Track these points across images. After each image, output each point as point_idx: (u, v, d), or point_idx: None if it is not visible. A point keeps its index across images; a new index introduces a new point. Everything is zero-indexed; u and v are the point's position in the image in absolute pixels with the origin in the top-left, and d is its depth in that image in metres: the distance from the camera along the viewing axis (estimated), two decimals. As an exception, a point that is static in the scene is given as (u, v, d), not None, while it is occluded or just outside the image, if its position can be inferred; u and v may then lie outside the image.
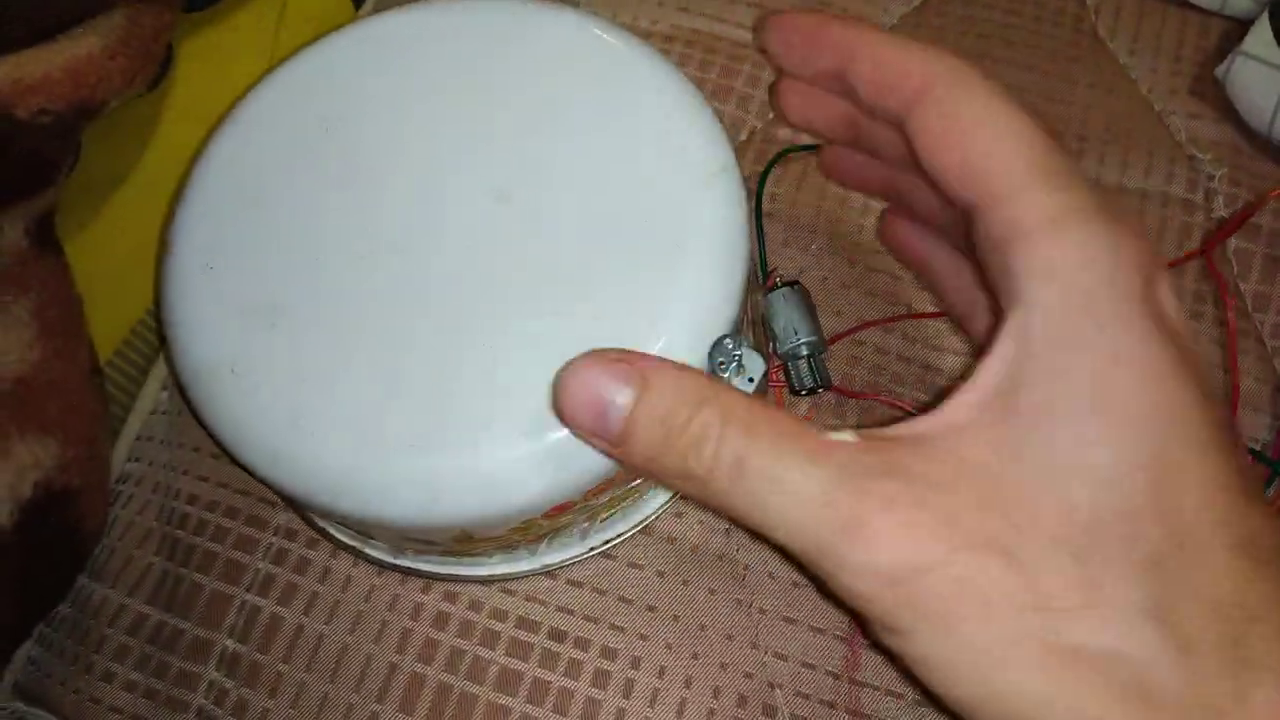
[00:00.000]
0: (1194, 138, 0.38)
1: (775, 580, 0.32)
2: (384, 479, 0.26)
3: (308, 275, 0.28)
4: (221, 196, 0.30)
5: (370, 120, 0.30)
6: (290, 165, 0.30)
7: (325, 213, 0.29)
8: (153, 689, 0.32)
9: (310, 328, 0.28)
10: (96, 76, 0.31)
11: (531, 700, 0.31)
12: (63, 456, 0.31)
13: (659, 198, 0.28)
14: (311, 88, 0.31)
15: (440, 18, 0.32)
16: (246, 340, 0.28)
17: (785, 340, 0.32)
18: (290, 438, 0.27)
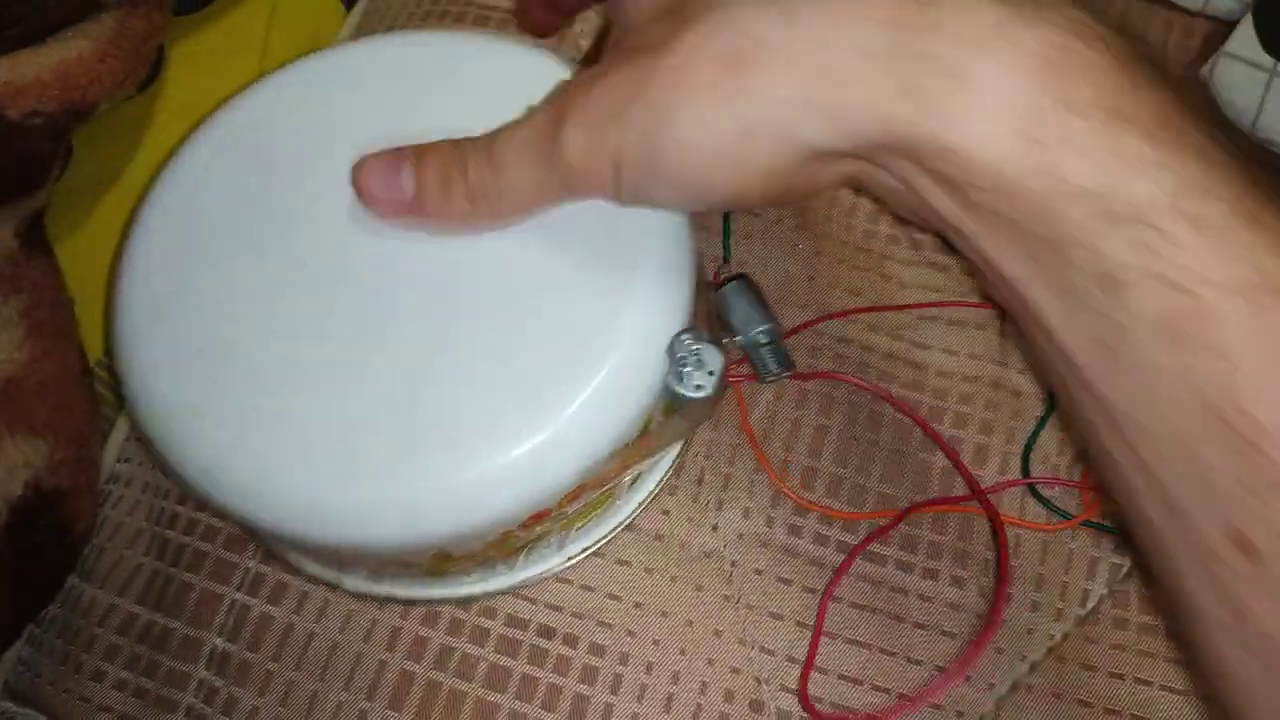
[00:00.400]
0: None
1: (762, 576, 0.32)
2: (359, 505, 0.26)
3: (258, 314, 0.29)
4: (166, 244, 0.30)
5: (312, 158, 0.30)
6: (234, 207, 0.30)
7: (271, 252, 0.29)
8: (143, 688, 0.32)
9: (267, 364, 0.28)
10: (87, 78, 0.31)
11: (520, 697, 0.31)
12: (53, 457, 0.32)
13: (601, 208, 0.28)
14: (254, 128, 0.31)
15: (383, 52, 0.33)
16: (205, 382, 0.28)
17: (744, 330, 0.33)
18: (261, 474, 0.27)
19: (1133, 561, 0.32)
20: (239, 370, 0.28)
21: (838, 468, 0.33)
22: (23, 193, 0.32)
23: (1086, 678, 0.30)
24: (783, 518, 0.33)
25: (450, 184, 0.27)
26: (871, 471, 0.33)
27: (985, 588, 0.32)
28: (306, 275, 0.29)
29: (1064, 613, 0.31)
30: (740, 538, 0.33)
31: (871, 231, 0.37)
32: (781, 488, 0.33)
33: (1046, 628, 0.31)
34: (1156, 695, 0.30)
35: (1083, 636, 0.31)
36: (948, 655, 0.31)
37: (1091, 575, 0.32)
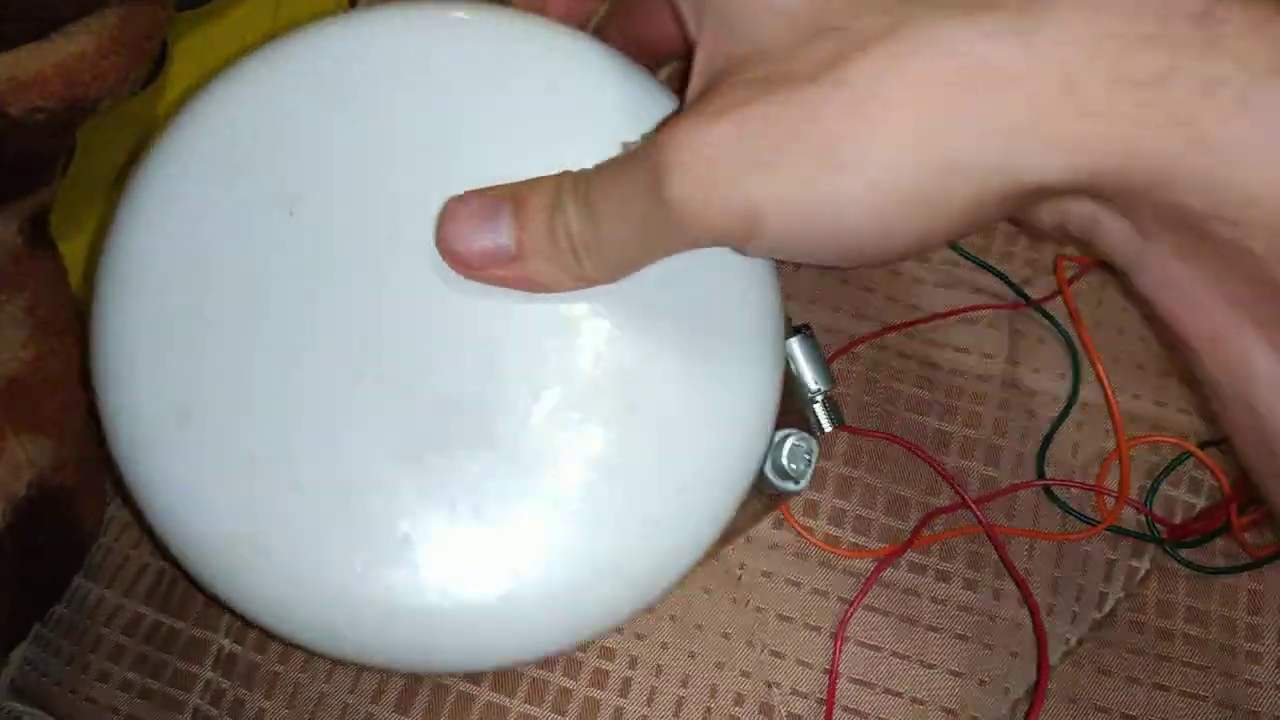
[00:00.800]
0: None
1: (770, 579, 0.32)
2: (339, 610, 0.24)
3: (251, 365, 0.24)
4: (145, 281, 0.26)
5: (308, 160, 0.26)
6: (224, 240, 0.25)
7: (266, 297, 0.25)
8: (149, 689, 0.32)
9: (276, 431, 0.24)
10: (90, 74, 0.31)
11: (529, 700, 0.31)
12: (58, 456, 0.31)
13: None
14: (234, 123, 0.26)
15: (392, 24, 0.27)
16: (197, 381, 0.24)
17: (810, 390, 0.30)
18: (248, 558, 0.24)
19: (1150, 565, 0.32)
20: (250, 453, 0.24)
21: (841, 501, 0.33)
22: (26, 190, 0.32)
23: (1103, 683, 0.30)
24: (791, 524, 0.32)
25: (556, 235, 0.23)
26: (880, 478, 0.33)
27: (1000, 590, 0.31)
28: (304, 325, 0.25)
29: (1079, 617, 0.31)
30: (748, 541, 0.32)
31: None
32: (792, 523, 0.32)
33: (1062, 632, 0.31)
34: (1174, 701, 0.30)
35: (1099, 641, 0.31)
36: (961, 659, 0.30)
37: (1108, 579, 0.31)
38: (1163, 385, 0.34)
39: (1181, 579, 0.32)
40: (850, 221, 0.20)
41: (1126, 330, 0.35)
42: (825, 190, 0.20)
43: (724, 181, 0.20)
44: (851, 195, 0.20)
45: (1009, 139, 0.19)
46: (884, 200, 0.20)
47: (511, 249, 0.23)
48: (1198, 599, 0.31)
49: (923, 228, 0.20)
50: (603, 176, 0.22)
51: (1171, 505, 0.33)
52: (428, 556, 0.23)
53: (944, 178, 0.19)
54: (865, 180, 0.19)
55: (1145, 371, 0.34)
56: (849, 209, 0.20)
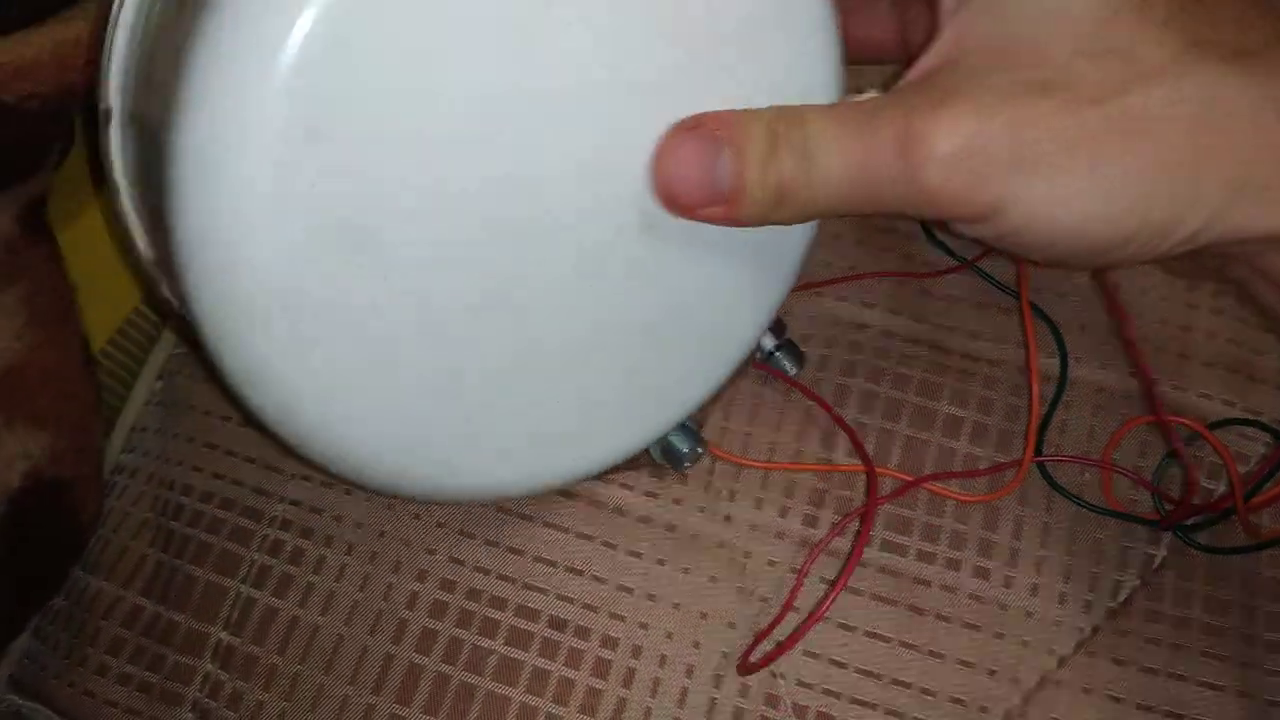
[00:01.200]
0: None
1: (776, 568, 0.31)
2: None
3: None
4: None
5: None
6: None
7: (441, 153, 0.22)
8: (148, 682, 0.32)
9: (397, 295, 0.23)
10: (84, 60, 0.31)
11: (531, 690, 0.30)
12: (54, 447, 0.31)
13: None
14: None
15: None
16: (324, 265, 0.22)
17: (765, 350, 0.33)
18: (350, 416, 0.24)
19: (1167, 552, 0.31)
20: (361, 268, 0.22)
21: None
22: (22, 177, 0.32)
23: (1118, 673, 0.29)
24: (797, 509, 0.32)
25: (768, 180, 0.23)
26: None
27: (1011, 579, 0.30)
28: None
29: (1093, 605, 0.30)
30: (753, 529, 0.32)
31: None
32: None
33: (1074, 621, 0.30)
34: (1191, 691, 0.29)
35: (1114, 630, 0.30)
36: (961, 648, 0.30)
37: (1123, 566, 0.31)
38: (1156, 361, 0.33)
39: (1199, 566, 0.31)
40: (1089, 234, 0.22)
41: (1144, 314, 0.34)
42: (1081, 206, 0.21)
43: (991, 180, 0.21)
44: (1105, 215, 0.21)
45: (1252, 192, 0.21)
46: (1126, 223, 0.21)
47: (726, 194, 0.23)
48: (1216, 587, 0.31)
49: (1148, 251, 0.22)
50: (827, 127, 0.22)
51: (1188, 491, 0.32)
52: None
53: (1185, 210, 0.21)
54: (1124, 206, 0.21)
55: (1164, 354, 0.33)
56: (1094, 225, 0.21)
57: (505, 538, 0.32)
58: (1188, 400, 0.33)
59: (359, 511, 0.33)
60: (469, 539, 0.32)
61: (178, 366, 0.37)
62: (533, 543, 0.32)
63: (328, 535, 0.33)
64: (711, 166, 0.23)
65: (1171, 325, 0.34)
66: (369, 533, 0.32)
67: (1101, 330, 0.34)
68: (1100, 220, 0.21)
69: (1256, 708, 0.29)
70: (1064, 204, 0.21)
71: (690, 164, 0.23)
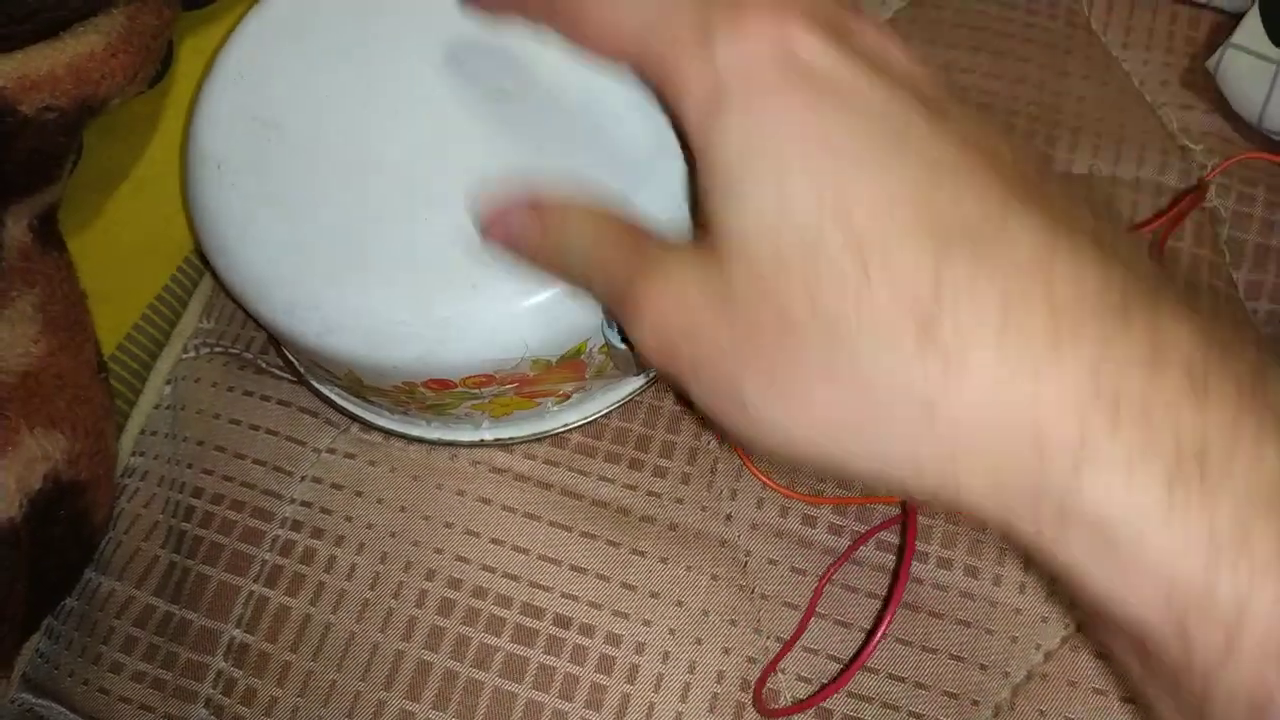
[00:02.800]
0: (1186, 128, 0.39)
1: (777, 566, 0.32)
2: (293, 297, 0.29)
3: (317, 113, 0.31)
4: (240, 89, 0.32)
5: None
6: (308, 51, 0.32)
7: (347, 95, 0.31)
8: (161, 679, 0.33)
9: (303, 149, 0.31)
10: (99, 73, 0.31)
11: (537, 687, 0.31)
12: (71, 450, 0.32)
13: (629, 146, 0.29)
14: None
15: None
16: (246, 143, 0.31)
17: None
18: (240, 235, 0.30)
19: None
20: (277, 145, 0.31)
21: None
22: (37, 187, 0.32)
23: (1102, 666, 0.31)
24: (797, 508, 0.33)
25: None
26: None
27: (1000, 576, 0.32)
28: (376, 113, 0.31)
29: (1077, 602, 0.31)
30: (754, 528, 0.33)
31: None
32: (768, 483, 0.33)
33: (1061, 615, 0.31)
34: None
35: (1096, 624, 0.31)
36: (952, 643, 0.31)
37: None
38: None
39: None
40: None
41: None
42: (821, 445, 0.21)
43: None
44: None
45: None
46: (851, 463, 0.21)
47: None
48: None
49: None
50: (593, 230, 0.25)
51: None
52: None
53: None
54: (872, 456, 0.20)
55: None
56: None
57: (511, 537, 0.33)
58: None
59: (370, 512, 0.34)
60: (474, 537, 0.33)
61: (186, 371, 0.38)
62: (538, 541, 0.33)
63: (339, 535, 0.33)
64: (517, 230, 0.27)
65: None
66: (380, 533, 0.33)
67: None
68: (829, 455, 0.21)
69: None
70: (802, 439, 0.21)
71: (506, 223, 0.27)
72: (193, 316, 0.39)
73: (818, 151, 0.20)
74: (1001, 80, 0.40)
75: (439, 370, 0.29)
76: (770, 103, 0.21)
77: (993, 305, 0.19)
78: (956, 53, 0.41)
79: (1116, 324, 0.18)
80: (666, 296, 0.22)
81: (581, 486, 0.33)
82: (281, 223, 0.30)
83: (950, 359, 0.19)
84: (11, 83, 0.30)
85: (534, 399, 0.32)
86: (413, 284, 0.28)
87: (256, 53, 0.33)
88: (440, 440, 0.34)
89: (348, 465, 0.34)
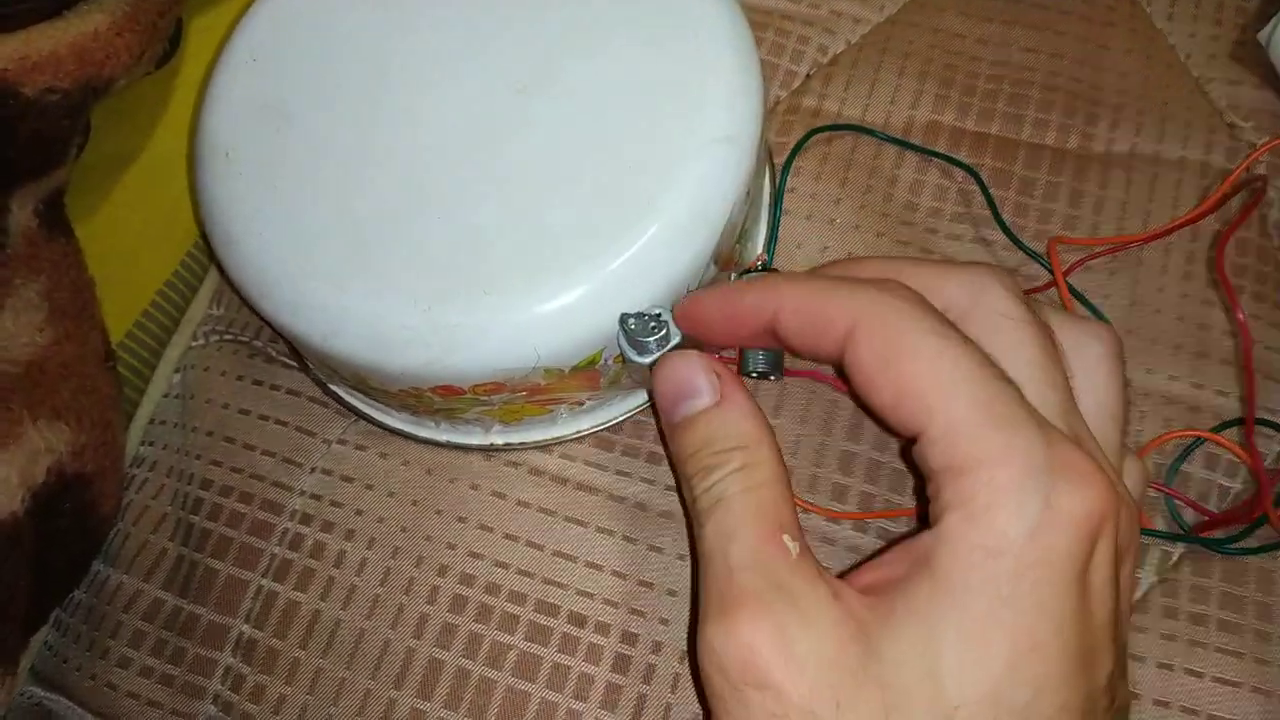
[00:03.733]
0: (1234, 105, 0.37)
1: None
2: (297, 297, 0.28)
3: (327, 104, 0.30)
4: (248, 86, 0.31)
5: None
6: (316, 49, 0.31)
7: (353, 95, 0.31)
8: (169, 675, 0.32)
9: (313, 141, 0.30)
10: (104, 53, 0.31)
11: (551, 686, 0.30)
12: (76, 441, 0.31)
13: (650, 150, 0.28)
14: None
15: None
16: (255, 132, 0.30)
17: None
18: (246, 229, 0.29)
19: (1184, 548, 0.31)
20: (284, 136, 0.30)
21: (814, 468, 0.32)
22: (41, 171, 0.32)
23: (1134, 668, 0.29)
24: (820, 504, 0.32)
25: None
26: (854, 474, 0.32)
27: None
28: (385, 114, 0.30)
29: (1113, 602, 0.30)
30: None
31: (913, 203, 0.36)
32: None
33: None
34: (1207, 687, 0.29)
35: (1131, 627, 0.30)
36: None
37: (1140, 563, 0.31)
38: (1200, 367, 0.33)
39: (1216, 564, 0.31)
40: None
41: (1164, 310, 0.34)
42: None
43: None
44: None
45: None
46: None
47: (678, 421, 0.26)
48: (1233, 583, 0.31)
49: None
50: (748, 522, 0.24)
51: (1206, 490, 0.32)
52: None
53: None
54: None
55: (1182, 352, 0.33)
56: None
57: (525, 532, 0.32)
58: (1205, 398, 0.33)
59: (381, 506, 0.33)
60: (488, 532, 0.32)
61: (195, 360, 0.37)
62: (552, 538, 0.32)
63: (349, 529, 0.33)
64: (692, 391, 0.26)
65: (1188, 321, 0.34)
66: (391, 527, 0.32)
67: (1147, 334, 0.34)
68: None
69: (1273, 704, 0.29)
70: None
71: (681, 376, 0.26)
72: (202, 303, 0.38)
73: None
74: (1038, 55, 0.38)
75: (447, 378, 0.28)
76: (1023, 600, 0.21)
77: None
78: (991, 26, 0.39)
79: None
80: (779, 642, 0.22)
81: (598, 481, 0.32)
82: (288, 217, 0.29)
83: None
84: (12, 64, 0.29)
85: (546, 406, 0.31)
86: (421, 288, 0.27)
87: (270, 37, 0.32)
88: (449, 443, 0.33)
89: (359, 457, 0.34)
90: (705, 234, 0.28)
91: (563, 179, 0.28)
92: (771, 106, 0.38)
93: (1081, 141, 0.37)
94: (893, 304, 0.23)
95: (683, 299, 0.28)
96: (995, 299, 0.24)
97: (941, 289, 0.25)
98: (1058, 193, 0.36)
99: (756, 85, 0.30)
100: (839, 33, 0.39)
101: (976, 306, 0.24)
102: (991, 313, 0.24)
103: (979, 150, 0.37)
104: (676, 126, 0.28)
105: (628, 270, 0.27)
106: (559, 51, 0.30)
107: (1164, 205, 0.35)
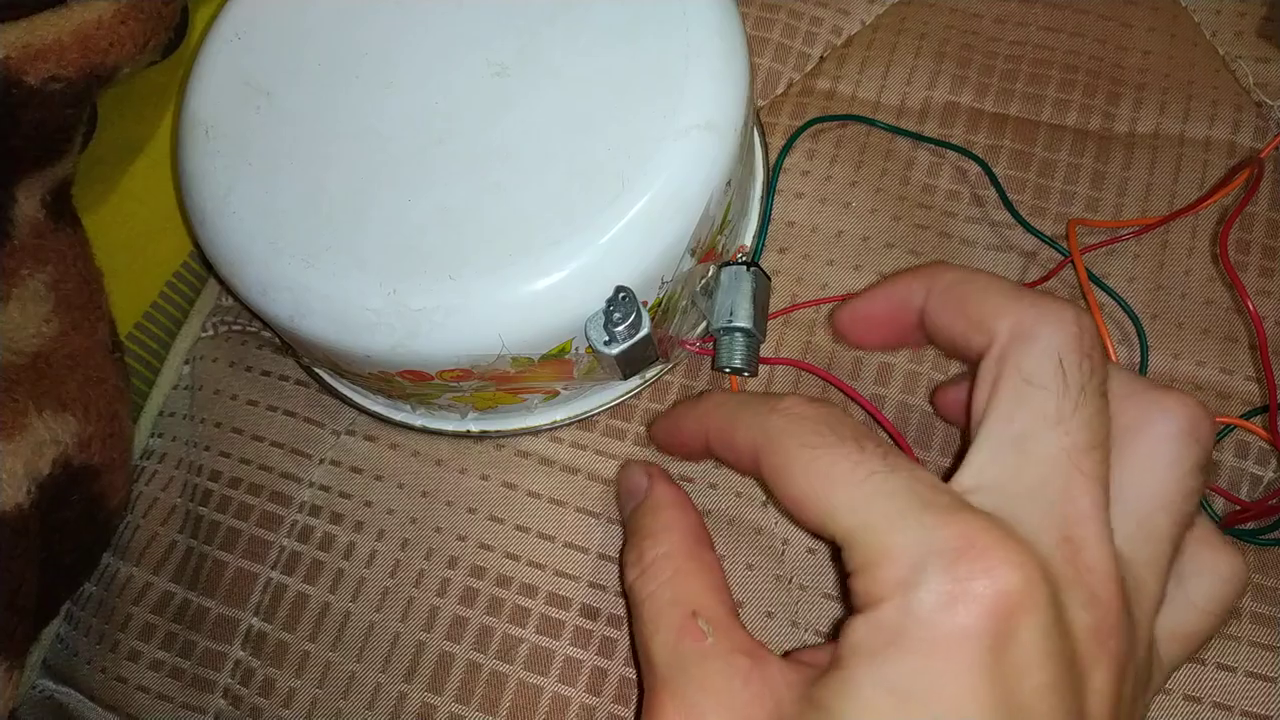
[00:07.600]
0: (1262, 83, 0.36)
1: (815, 556, 0.30)
2: (266, 275, 0.28)
3: (309, 85, 0.30)
4: (230, 73, 0.31)
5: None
6: (296, 37, 0.31)
7: (335, 83, 0.30)
8: (179, 668, 0.32)
9: (291, 119, 0.30)
10: (107, 42, 0.30)
11: (563, 680, 0.30)
12: (83, 432, 0.31)
13: (627, 134, 0.27)
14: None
15: None
16: (234, 109, 0.30)
17: (717, 319, 0.31)
18: (219, 206, 0.29)
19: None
20: (264, 114, 0.30)
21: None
22: (46, 161, 0.31)
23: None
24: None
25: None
26: None
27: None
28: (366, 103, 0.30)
29: (1139, 594, 0.29)
30: (790, 515, 0.31)
31: (931, 186, 0.35)
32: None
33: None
34: (1240, 682, 0.28)
35: (1160, 619, 0.29)
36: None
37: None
38: (1228, 351, 0.32)
39: (1249, 554, 0.30)
40: None
41: (1189, 294, 0.33)
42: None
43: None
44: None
45: None
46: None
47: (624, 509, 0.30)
48: (1266, 575, 0.30)
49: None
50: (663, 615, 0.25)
51: (1237, 478, 0.31)
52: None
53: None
54: None
55: (1209, 337, 0.32)
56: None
57: (536, 523, 0.31)
58: (1233, 384, 0.32)
59: (390, 497, 0.32)
60: (498, 523, 0.32)
61: (205, 351, 0.37)
62: (564, 528, 0.31)
63: (358, 521, 0.32)
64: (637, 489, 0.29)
65: (1216, 305, 0.33)
66: (400, 518, 0.32)
67: (1172, 319, 0.33)
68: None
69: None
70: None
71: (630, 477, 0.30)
72: (211, 295, 0.38)
73: None
74: (1059, 33, 0.37)
75: (413, 362, 0.28)
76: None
77: None
78: (1010, 4, 0.38)
79: None
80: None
81: (609, 471, 0.32)
82: (260, 194, 0.28)
83: None
84: (15, 53, 0.29)
85: (518, 394, 0.31)
86: (387, 270, 0.27)
87: (255, 14, 0.32)
88: (425, 428, 0.33)
89: (367, 448, 0.33)
90: (681, 223, 0.27)
91: (537, 162, 0.28)
92: (784, 89, 0.37)
93: (1104, 122, 0.36)
94: (785, 428, 0.23)
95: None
96: (1026, 357, 0.22)
97: (992, 327, 0.23)
98: (1079, 175, 0.35)
99: (742, 72, 0.29)
100: (853, 13, 0.39)
101: (1005, 362, 0.23)
102: (1015, 375, 0.22)
103: (998, 132, 0.36)
104: (655, 111, 0.28)
105: (597, 258, 0.26)
106: (541, 33, 0.29)
107: (1190, 186, 0.35)
